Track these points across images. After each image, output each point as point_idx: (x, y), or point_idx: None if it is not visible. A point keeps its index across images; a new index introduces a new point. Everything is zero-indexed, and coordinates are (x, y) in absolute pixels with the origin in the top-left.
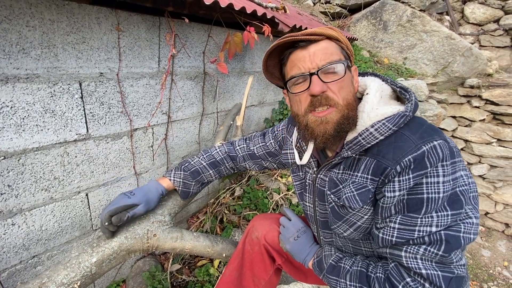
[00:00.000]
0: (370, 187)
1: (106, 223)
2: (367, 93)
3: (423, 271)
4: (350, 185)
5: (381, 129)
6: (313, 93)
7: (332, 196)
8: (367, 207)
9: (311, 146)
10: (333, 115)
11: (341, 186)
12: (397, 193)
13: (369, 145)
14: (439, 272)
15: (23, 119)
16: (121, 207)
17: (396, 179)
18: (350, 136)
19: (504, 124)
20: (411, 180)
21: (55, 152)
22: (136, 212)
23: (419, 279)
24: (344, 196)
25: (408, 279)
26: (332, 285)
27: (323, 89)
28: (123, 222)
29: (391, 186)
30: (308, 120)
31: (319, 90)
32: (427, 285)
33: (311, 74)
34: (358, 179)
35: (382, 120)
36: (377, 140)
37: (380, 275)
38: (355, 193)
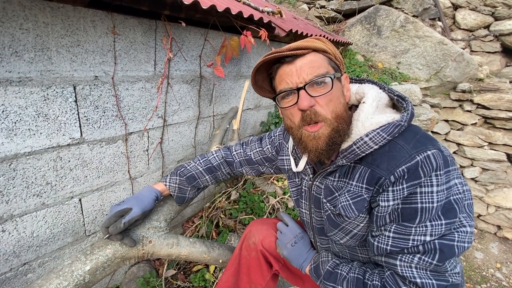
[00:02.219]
0: (365, 196)
1: (106, 236)
2: (363, 102)
3: (418, 280)
4: (346, 193)
5: (375, 139)
6: (301, 108)
7: (328, 204)
8: (362, 215)
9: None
10: (323, 129)
11: (336, 194)
12: (391, 203)
13: (363, 154)
14: (434, 281)
15: (15, 123)
16: (113, 215)
17: (390, 188)
18: (345, 145)
19: (495, 128)
20: (405, 190)
21: (47, 157)
22: (133, 215)
23: (414, 287)
24: (340, 205)
25: None
26: None
27: (311, 104)
28: (121, 229)
29: (385, 196)
30: (302, 134)
31: (307, 105)
32: None
33: (299, 89)
34: (353, 188)
35: (377, 129)
36: (371, 150)
37: (377, 282)
38: (350, 202)
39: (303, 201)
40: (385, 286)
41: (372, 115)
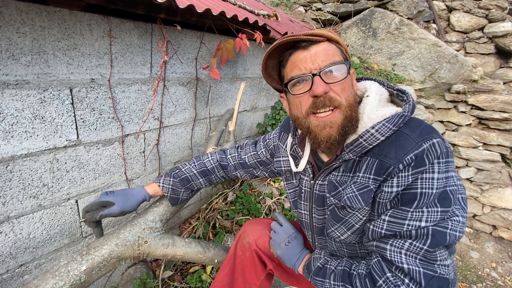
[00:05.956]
0: (372, 186)
1: (82, 220)
2: (367, 96)
3: (405, 266)
4: (352, 185)
5: (381, 130)
6: (316, 94)
7: (332, 198)
8: (367, 208)
9: (307, 152)
10: (337, 117)
11: (340, 189)
12: (394, 189)
13: (370, 146)
14: (421, 269)
15: (12, 125)
16: (96, 203)
17: (396, 175)
18: (350, 138)
19: (489, 128)
20: (410, 176)
21: (44, 159)
22: (111, 211)
23: (399, 274)
24: (345, 197)
25: (389, 274)
26: (318, 286)
27: (325, 90)
28: (96, 219)
29: (390, 182)
30: (310, 123)
31: (322, 91)
32: (406, 280)
33: (313, 75)
34: (360, 179)
35: (382, 121)
36: (378, 141)
37: (362, 271)
38: (357, 193)
39: (302, 202)
40: (370, 273)
41: (377, 108)
